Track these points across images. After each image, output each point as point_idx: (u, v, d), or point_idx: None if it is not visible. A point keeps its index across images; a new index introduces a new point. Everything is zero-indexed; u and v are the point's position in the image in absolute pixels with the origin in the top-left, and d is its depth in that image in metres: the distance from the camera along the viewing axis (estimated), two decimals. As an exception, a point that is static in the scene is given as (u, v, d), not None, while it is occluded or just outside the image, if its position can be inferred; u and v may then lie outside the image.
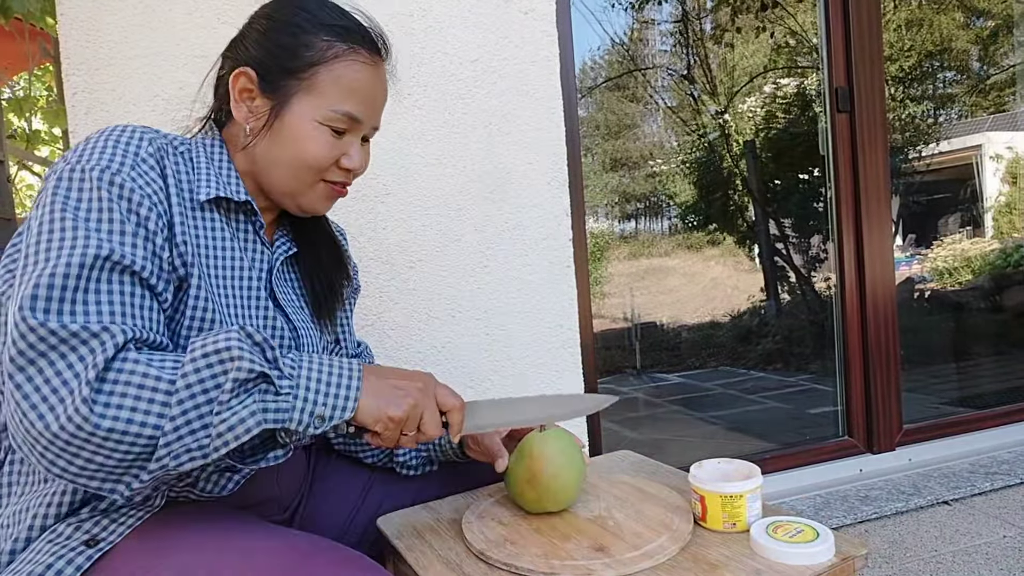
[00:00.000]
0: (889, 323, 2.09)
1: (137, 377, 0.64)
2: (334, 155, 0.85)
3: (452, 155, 1.56)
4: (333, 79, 0.83)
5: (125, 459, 0.64)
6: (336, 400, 0.72)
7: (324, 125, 0.83)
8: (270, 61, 0.83)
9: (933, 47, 4.37)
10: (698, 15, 4.52)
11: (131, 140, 0.76)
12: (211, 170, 0.83)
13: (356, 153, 0.87)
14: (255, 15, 0.87)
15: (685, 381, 4.09)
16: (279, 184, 0.86)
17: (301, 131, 0.83)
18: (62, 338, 0.64)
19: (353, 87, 0.84)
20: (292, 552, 0.69)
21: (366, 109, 0.86)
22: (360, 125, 0.87)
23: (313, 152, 0.84)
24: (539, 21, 1.62)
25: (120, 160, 0.74)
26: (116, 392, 0.63)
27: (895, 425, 2.10)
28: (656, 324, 4.64)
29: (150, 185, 0.75)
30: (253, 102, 0.84)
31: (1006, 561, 1.58)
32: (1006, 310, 3.87)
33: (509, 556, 0.78)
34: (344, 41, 0.83)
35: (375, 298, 1.51)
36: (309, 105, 0.83)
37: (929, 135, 4.38)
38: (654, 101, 4.75)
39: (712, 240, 4.80)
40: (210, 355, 0.66)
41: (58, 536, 0.73)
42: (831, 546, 0.74)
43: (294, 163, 0.84)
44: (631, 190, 4.91)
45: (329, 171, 0.87)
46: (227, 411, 0.66)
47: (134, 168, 0.74)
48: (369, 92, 0.86)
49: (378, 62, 0.87)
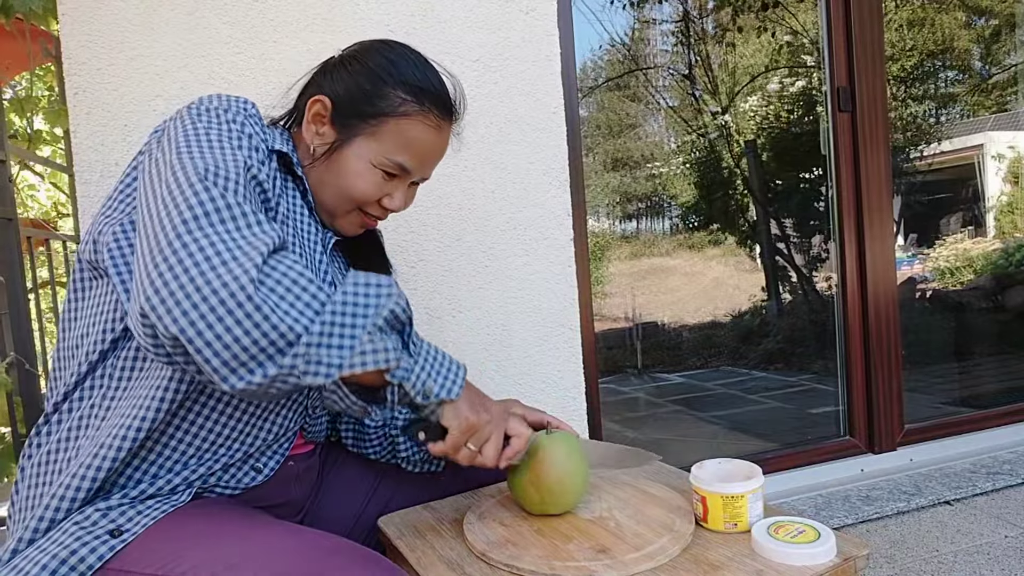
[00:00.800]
0: (891, 323, 2.09)
1: (296, 274, 0.68)
2: (379, 194, 0.94)
3: (453, 155, 1.55)
4: (397, 132, 0.90)
5: (260, 343, 0.65)
6: (446, 381, 0.79)
7: (377, 168, 0.91)
8: (348, 99, 0.91)
9: (935, 46, 4.37)
10: (699, 15, 4.52)
11: (239, 100, 0.85)
12: (283, 144, 0.91)
13: (400, 196, 0.96)
14: (353, 52, 0.94)
15: (686, 381, 4.09)
16: (322, 200, 0.94)
17: (356, 167, 0.91)
18: (241, 213, 0.70)
19: (413, 144, 0.92)
20: (313, 550, 0.69)
21: (418, 164, 0.94)
22: (410, 174, 0.94)
23: (361, 188, 0.92)
24: (540, 21, 1.61)
25: (234, 109, 0.83)
26: (277, 278, 0.67)
27: (896, 425, 2.10)
28: (657, 324, 4.63)
29: (257, 135, 0.83)
30: (322, 127, 0.92)
31: (1007, 561, 1.58)
32: (1008, 310, 3.86)
33: (510, 557, 0.78)
34: (418, 101, 0.91)
35: (376, 298, 1.51)
36: (368, 148, 0.91)
37: (931, 135, 4.37)
38: (655, 101, 4.74)
39: (713, 240, 4.80)
40: (371, 285, 0.72)
41: (85, 519, 0.74)
42: (833, 546, 0.74)
43: (342, 192, 0.92)
44: (632, 190, 4.91)
45: (370, 206, 0.95)
46: (377, 335, 0.71)
47: (248, 118, 0.83)
48: (427, 151, 0.94)
49: (444, 125, 0.95)
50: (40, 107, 3.66)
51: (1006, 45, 4.41)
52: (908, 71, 4.40)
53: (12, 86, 3.59)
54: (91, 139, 1.32)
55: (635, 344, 4.37)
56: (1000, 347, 3.54)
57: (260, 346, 0.65)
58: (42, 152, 4.30)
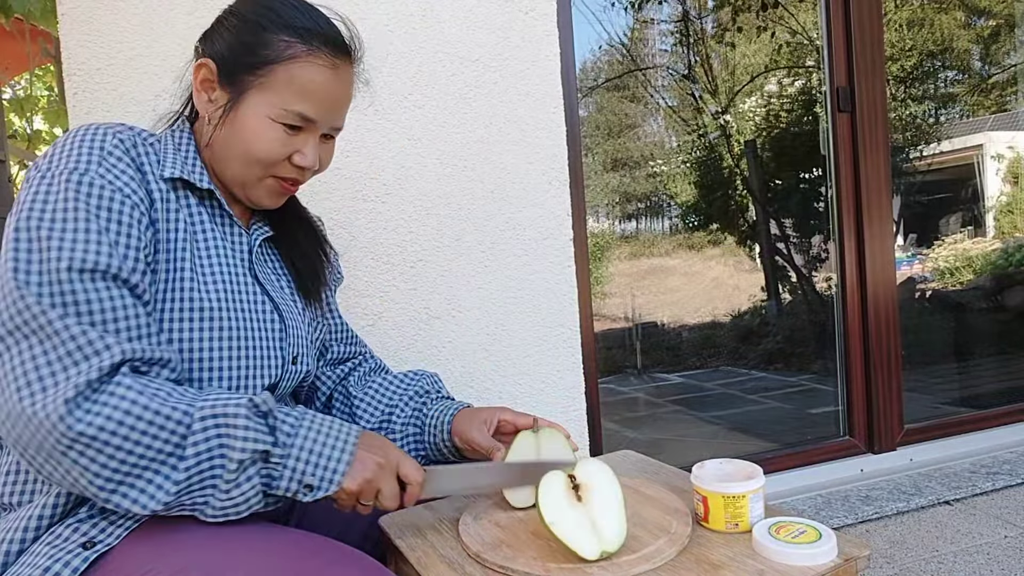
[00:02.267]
0: (890, 323, 2.09)
1: (127, 403, 0.67)
2: (285, 152, 0.86)
3: (453, 155, 1.56)
4: (288, 79, 0.83)
5: (107, 469, 0.66)
6: (325, 473, 0.75)
7: (277, 122, 0.84)
8: (231, 56, 0.84)
9: (934, 47, 4.37)
10: (699, 15, 4.52)
11: (95, 137, 0.77)
12: (176, 157, 0.85)
13: (311, 151, 0.87)
14: (226, 10, 0.89)
15: (686, 381, 4.09)
16: (231, 175, 0.88)
17: (253, 126, 0.84)
18: (56, 330, 0.67)
19: (308, 89, 0.84)
20: (294, 549, 0.69)
21: (321, 110, 0.86)
22: (315, 124, 0.86)
23: (264, 147, 0.84)
24: (540, 21, 1.61)
25: (87, 159, 0.75)
26: (102, 406, 0.66)
27: (896, 425, 2.10)
28: (657, 324, 4.63)
29: (119, 178, 0.76)
30: (213, 93, 0.86)
31: (1007, 561, 1.58)
32: (1007, 310, 3.86)
33: (505, 559, 0.78)
34: (304, 42, 0.84)
35: (376, 298, 1.51)
36: (263, 101, 0.83)
37: (930, 135, 4.37)
38: (655, 101, 4.74)
39: (713, 240, 4.80)
40: (218, 418, 0.71)
41: (56, 538, 0.73)
42: (833, 547, 0.74)
43: (245, 155, 0.85)
44: (632, 190, 4.91)
45: (279, 167, 0.87)
46: (235, 489, 0.71)
47: (101, 164, 0.75)
48: (326, 94, 0.86)
49: (340, 65, 0.87)
50: (40, 107, 3.65)
51: (1006, 45, 4.41)
52: (908, 71, 4.40)
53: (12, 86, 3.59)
54: (91, 139, 1.32)
55: (635, 344, 4.37)
56: (999, 347, 3.54)
57: (110, 470, 0.67)
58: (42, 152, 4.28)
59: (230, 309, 0.83)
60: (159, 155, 0.84)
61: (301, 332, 0.94)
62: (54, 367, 0.66)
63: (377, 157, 1.50)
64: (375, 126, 1.49)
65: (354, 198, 1.48)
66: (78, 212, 0.72)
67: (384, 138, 1.50)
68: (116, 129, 0.80)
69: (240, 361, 0.84)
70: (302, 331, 0.95)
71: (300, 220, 1.01)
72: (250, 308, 0.86)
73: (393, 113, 1.50)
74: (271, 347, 0.88)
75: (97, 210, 0.73)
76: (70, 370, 0.66)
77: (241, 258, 0.89)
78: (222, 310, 0.82)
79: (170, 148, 0.86)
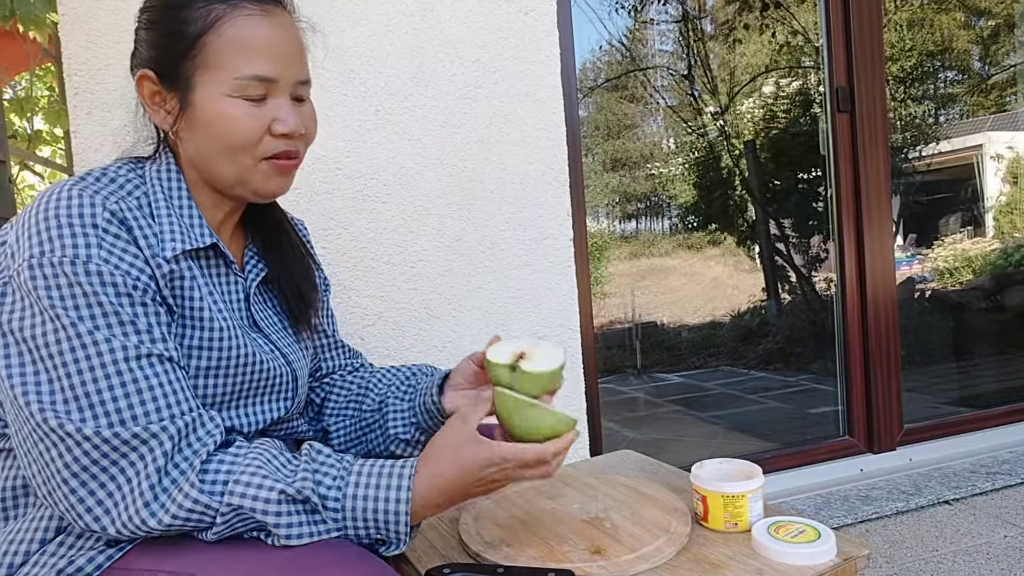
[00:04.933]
0: (890, 323, 2.09)
1: (189, 502, 0.68)
2: (260, 125, 0.78)
3: (453, 155, 1.56)
4: (223, 44, 0.76)
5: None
6: (388, 530, 0.72)
7: (236, 97, 0.77)
8: (161, 53, 0.78)
9: (934, 47, 4.37)
10: (699, 15, 4.52)
11: (82, 210, 0.70)
12: (172, 215, 0.79)
13: (287, 114, 0.79)
14: (137, 18, 0.83)
15: (686, 381, 4.09)
16: (223, 176, 0.80)
17: (215, 111, 0.77)
18: (114, 447, 0.67)
19: (248, 45, 0.76)
20: (297, 550, 0.69)
21: (272, 64, 0.78)
22: (276, 84, 0.78)
23: (237, 129, 0.77)
24: (540, 21, 1.62)
25: (84, 243, 0.69)
26: (170, 501, 0.68)
27: (896, 425, 2.10)
28: (657, 324, 4.64)
29: (124, 258, 0.72)
30: (165, 103, 0.79)
31: (1007, 561, 1.58)
32: (1007, 310, 3.87)
33: (505, 558, 0.78)
34: (223, 1, 0.77)
35: (376, 298, 1.51)
36: (212, 82, 0.76)
37: (930, 135, 4.37)
38: (655, 101, 4.75)
39: (713, 240, 4.80)
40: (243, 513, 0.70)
41: (77, 539, 0.73)
42: (833, 546, 0.74)
43: (224, 149, 0.78)
44: (632, 190, 4.91)
45: (263, 144, 0.79)
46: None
47: (100, 246, 0.70)
48: (268, 46, 0.78)
49: (271, 11, 0.79)
50: (40, 107, 3.66)
51: (1005, 45, 4.41)
52: (907, 71, 4.40)
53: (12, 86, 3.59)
54: (91, 139, 1.32)
55: (635, 344, 4.37)
56: (999, 347, 3.54)
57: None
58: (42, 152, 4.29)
59: (238, 366, 0.81)
60: (153, 218, 0.77)
61: (303, 363, 0.94)
62: (123, 488, 0.68)
63: (377, 157, 1.50)
64: (375, 126, 1.49)
65: (354, 198, 1.48)
66: (103, 303, 0.69)
67: (384, 138, 1.50)
68: (102, 195, 0.73)
69: (252, 407, 0.85)
70: (303, 363, 0.95)
71: (292, 248, 0.95)
72: (247, 358, 0.82)
73: (393, 113, 1.51)
74: (281, 392, 0.88)
75: (118, 298, 0.70)
76: (132, 479, 0.68)
77: (239, 308, 0.86)
78: (230, 367, 0.80)
79: (161, 202, 0.79)
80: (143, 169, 0.82)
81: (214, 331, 0.79)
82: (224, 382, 0.80)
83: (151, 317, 0.72)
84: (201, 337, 0.78)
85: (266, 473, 0.70)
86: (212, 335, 0.79)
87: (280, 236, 0.94)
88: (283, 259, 0.93)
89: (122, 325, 0.70)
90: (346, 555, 0.69)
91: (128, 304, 0.71)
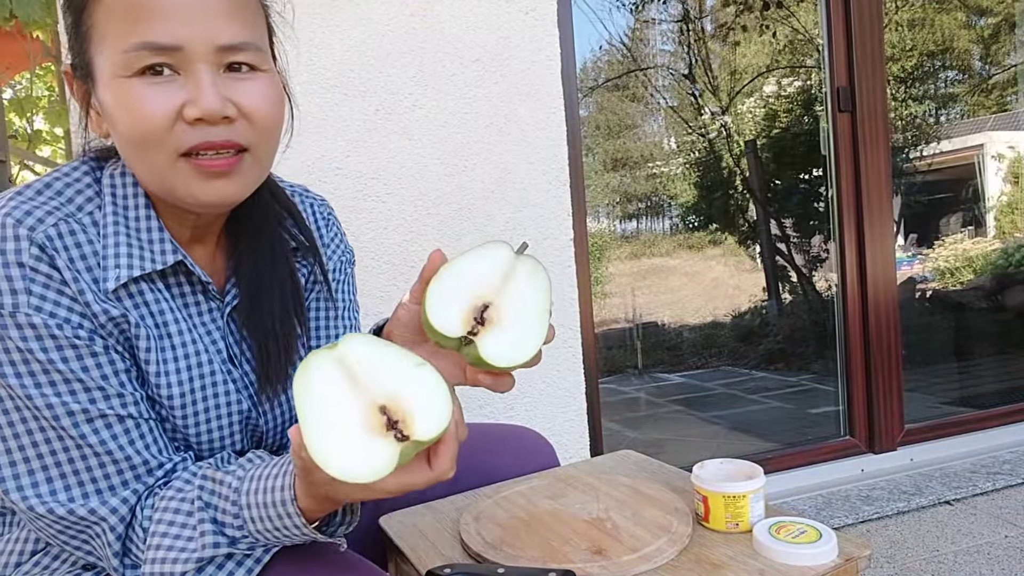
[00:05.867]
0: (891, 323, 2.09)
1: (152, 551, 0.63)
2: (165, 109, 0.60)
3: (453, 155, 1.55)
4: (106, 10, 0.60)
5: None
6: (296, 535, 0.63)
7: (130, 77, 0.60)
8: (69, 39, 0.65)
9: (935, 47, 4.37)
10: (699, 15, 4.52)
11: (5, 248, 0.59)
12: (121, 233, 0.66)
13: (201, 90, 0.60)
14: None
15: (686, 381, 4.09)
16: (146, 183, 0.66)
17: (112, 99, 0.61)
18: (72, 522, 0.63)
19: (132, 6, 0.59)
20: (290, 554, 0.69)
21: (173, 26, 0.59)
22: (182, 52, 0.60)
23: (130, 119, 0.61)
24: (540, 21, 1.61)
25: (9, 288, 0.58)
26: (137, 567, 0.64)
27: (897, 425, 2.09)
28: (657, 324, 4.63)
29: (61, 301, 0.60)
30: (90, 98, 0.67)
31: (1007, 561, 1.58)
32: (1008, 310, 3.86)
33: (506, 559, 0.78)
34: None
35: (376, 298, 1.50)
36: (104, 61, 0.61)
37: (931, 135, 4.37)
38: (655, 101, 4.74)
39: (713, 240, 4.80)
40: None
41: (53, 560, 0.72)
42: (834, 547, 0.74)
43: (128, 145, 0.63)
44: (632, 190, 4.91)
45: (175, 135, 0.61)
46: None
47: (30, 292, 0.59)
48: (162, 3, 0.59)
49: None
50: (40, 107, 3.66)
51: (1006, 45, 4.41)
52: (908, 71, 4.40)
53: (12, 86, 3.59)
54: (91, 139, 1.32)
55: (635, 344, 4.37)
56: (1000, 347, 3.54)
57: None
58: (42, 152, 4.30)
59: (198, 421, 0.71)
60: (96, 242, 0.64)
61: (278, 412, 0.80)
62: (96, 553, 0.65)
63: (377, 157, 1.50)
64: (375, 126, 1.49)
65: (355, 198, 1.48)
66: (40, 360, 0.59)
67: (384, 138, 1.50)
68: (33, 219, 0.60)
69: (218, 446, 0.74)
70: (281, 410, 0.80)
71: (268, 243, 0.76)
72: (217, 390, 0.72)
73: (393, 113, 1.50)
74: (251, 433, 0.78)
75: (57, 351, 0.60)
76: (98, 550, 0.64)
77: (212, 341, 0.72)
78: (188, 424, 0.71)
79: (109, 217, 0.66)
80: (102, 171, 0.70)
81: (160, 387, 0.68)
82: (185, 434, 0.71)
83: (104, 368, 0.62)
84: (156, 394, 0.68)
85: (169, 544, 0.63)
86: (160, 392, 0.68)
87: (260, 248, 0.75)
88: (260, 281, 0.75)
89: (67, 383, 0.60)
90: (346, 563, 0.69)
91: (73, 358, 0.60)
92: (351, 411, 0.52)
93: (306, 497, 0.59)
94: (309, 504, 0.60)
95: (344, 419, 0.51)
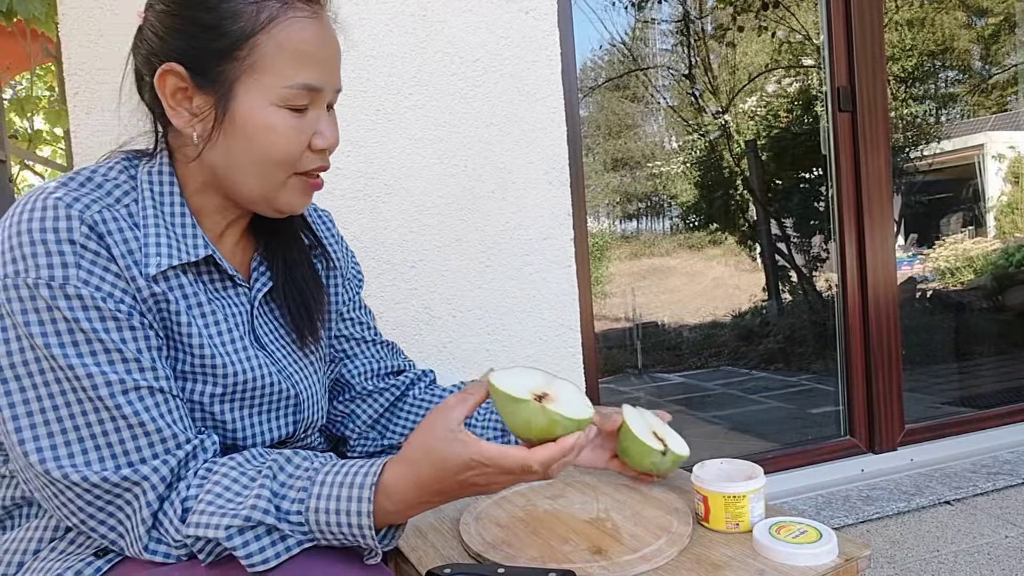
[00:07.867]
0: (891, 323, 2.09)
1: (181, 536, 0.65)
2: (303, 140, 0.73)
3: (453, 155, 1.55)
4: (277, 48, 0.69)
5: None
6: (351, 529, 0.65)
7: (282, 108, 0.70)
8: (196, 48, 0.69)
9: (935, 46, 4.37)
10: (699, 14, 4.52)
11: (58, 226, 0.64)
12: (160, 225, 0.72)
13: (328, 128, 0.75)
14: (150, 2, 0.75)
15: (686, 381, 4.09)
16: (247, 190, 0.74)
17: (259, 121, 0.70)
18: (106, 490, 0.65)
19: (302, 50, 0.70)
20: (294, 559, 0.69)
21: (324, 74, 0.72)
22: (320, 94, 0.73)
23: (281, 144, 0.71)
24: (540, 21, 1.61)
25: (60, 262, 0.64)
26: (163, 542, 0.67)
27: (897, 425, 2.09)
28: (657, 324, 4.63)
29: (106, 277, 0.66)
30: (192, 103, 0.72)
31: (1008, 561, 1.58)
32: (1008, 310, 3.86)
33: (506, 558, 0.78)
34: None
35: (376, 298, 1.50)
36: (257, 87, 0.69)
37: (931, 135, 4.37)
38: (655, 101, 4.75)
39: (713, 240, 4.80)
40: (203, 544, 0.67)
41: (69, 544, 0.73)
42: (834, 547, 0.74)
43: (261, 162, 0.72)
44: (632, 190, 4.91)
45: (302, 159, 0.74)
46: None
47: (79, 265, 0.64)
48: (320, 51, 0.72)
49: (319, 11, 0.73)
50: (40, 107, 3.66)
51: (1006, 45, 4.41)
52: (908, 71, 4.40)
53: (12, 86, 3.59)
54: (91, 139, 1.32)
55: (635, 344, 4.37)
56: (1000, 347, 3.54)
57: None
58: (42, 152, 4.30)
59: (235, 391, 0.76)
60: (138, 229, 0.70)
61: (309, 381, 0.87)
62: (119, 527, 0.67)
63: (377, 157, 1.50)
64: (375, 126, 1.49)
65: (354, 198, 1.48)
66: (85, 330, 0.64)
67: (384, 138, 1.50)
68: (82, 203, 0.66)
69: (254, 428, 0.79)
70: (310, 379, 0.87)
71: (295, 239, 0.88)
72: (246, 375, 0.77)
73: (393, 113, 1.50)
74: (286, 411, 0.82)
75: (101, 322, 0.65)
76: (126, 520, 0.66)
77: (239, 323, 0.79)
78: (226, 393, 0.76)
79: (150, 211, 0.72)
80: (137, 169, 0.75)
81: (205, 357, 0.73)
82: (222, 408, 0.76)
83: (140, 342, 0.67)
84: (193, 363, 0.73)
85: (221, 503, 0.65)
86: (204, 361, 0.73)
87: (289, 243, 0.87)
88: (291, 269, 0.86)
89: (107, 353, 0.65)
90: (345, 557, 0.69)
91: (114, 330, 0.65)
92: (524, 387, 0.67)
93: (386, 499, 0.65)
94: (384, 505, 0.65)
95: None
